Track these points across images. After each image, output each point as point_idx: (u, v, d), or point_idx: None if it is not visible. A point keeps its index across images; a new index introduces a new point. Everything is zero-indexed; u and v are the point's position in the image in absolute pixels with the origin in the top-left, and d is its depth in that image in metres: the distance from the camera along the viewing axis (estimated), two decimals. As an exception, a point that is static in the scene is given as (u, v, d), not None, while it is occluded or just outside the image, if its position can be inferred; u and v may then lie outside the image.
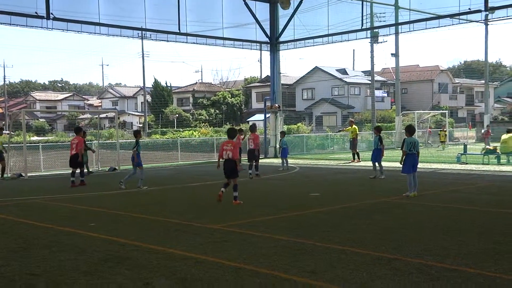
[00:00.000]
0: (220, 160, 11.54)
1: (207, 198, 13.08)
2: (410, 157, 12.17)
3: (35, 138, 51.56)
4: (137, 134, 15.47)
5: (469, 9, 22.01)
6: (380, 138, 16.61)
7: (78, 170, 16.30)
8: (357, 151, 24.83)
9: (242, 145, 18.37)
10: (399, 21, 25.90)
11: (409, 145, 12.20)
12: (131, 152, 15.60)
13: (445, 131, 35.15)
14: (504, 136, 22.13)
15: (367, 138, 37.49)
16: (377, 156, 16.69)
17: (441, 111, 48.31)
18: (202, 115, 64.72)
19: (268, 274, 5.98)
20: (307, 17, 27.91)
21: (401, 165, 12.40)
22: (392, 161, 24.54)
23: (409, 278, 5.75)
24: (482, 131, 43.13)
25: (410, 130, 12.64)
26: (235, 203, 11.41)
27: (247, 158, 18.19)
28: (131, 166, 15.98)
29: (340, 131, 34.18)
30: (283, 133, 22.97)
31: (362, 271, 6.03)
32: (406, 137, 12.51)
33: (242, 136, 19.61)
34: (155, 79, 68.92)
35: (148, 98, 67.14)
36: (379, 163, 16.66)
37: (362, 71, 65.39)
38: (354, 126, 25.03)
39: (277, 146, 16.90)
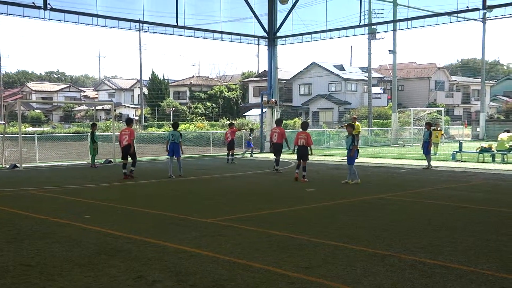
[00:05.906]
0: (295, 146, 15.11)
1: (202, 192, 13.10)
2: (357, 152, 15.05)
3: (30, 129, 51.40)
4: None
5: (467, 7, 22.04)
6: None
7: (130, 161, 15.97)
8: (358, 148, 24.55)
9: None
10: (397, 18, 25.92)
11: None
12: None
13: (440, 130, 29.52)
14: (502, 135, 22.36)
15: (363, 135, 37.57)
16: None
17: (437, 108, 48.37)
18: (199, 108, 64.63)
19: (262, 269, 5.99)
20: (305, 12, 27.92)
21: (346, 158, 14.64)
22: (388, 158, 24.67)
23: (403, 274, 5.78)
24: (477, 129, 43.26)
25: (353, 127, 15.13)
26: (303, 181, 14.56)
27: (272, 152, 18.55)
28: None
29: (341, 126, 33.87)
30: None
31: (356, 267, 6.05)
32: (354, 133, 14.69)
33: (235, 129, 23.80)
34: (152, 71, 68.71)
35: (145, 90, 66.97)
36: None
37: (359, 68, 65.34)
38: (357, 123, 24.72)
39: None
